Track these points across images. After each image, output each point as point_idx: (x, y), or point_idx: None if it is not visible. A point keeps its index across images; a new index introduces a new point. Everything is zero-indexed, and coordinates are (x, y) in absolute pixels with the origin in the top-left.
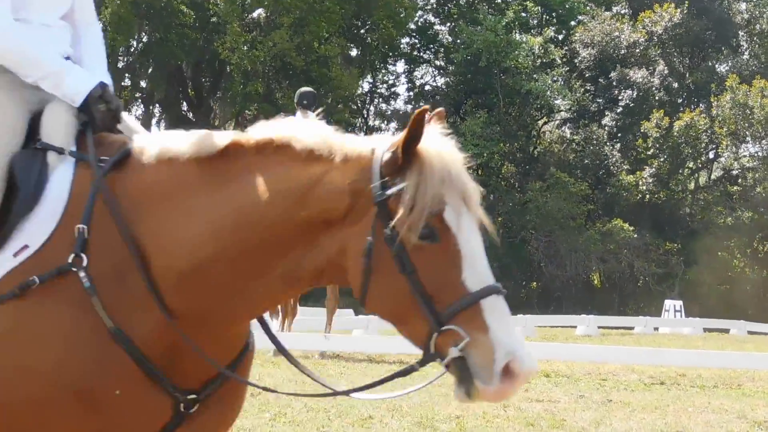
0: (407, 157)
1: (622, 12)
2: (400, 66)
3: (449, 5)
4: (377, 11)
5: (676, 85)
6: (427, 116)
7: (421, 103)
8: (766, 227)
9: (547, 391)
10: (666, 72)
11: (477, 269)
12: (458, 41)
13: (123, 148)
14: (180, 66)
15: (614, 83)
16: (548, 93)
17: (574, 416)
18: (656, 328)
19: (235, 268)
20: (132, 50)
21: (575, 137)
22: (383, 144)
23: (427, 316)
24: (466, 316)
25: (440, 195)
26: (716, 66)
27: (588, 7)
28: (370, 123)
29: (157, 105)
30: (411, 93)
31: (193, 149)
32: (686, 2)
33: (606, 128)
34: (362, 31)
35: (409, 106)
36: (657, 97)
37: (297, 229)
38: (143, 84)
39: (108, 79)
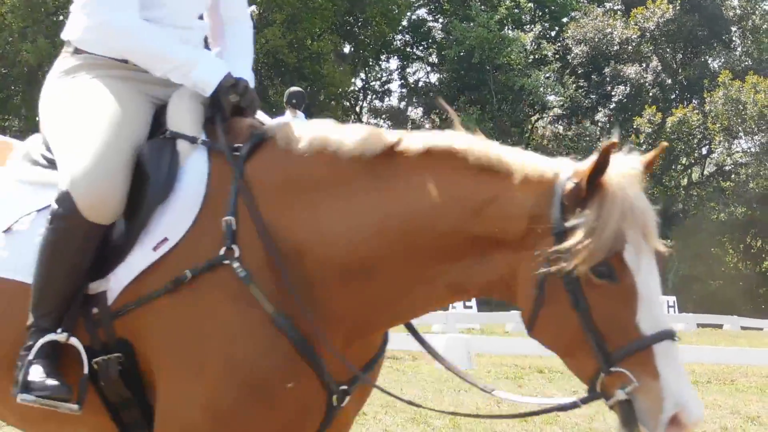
0: (591, 188)
1: (615, 8)
2: (393, 63)
3: (442, 1)
4: (370, 8)
5: (669, 81)
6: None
7: (414, 100)
8: (759, 223)
9: (541, 387)
10: (659, 68)
11: (653, 312)
12: (451, 37)
13: (255, 135)
14: None
15: (607, 79)
16: (541, 89)
17: (568, 412)
18: None
19: (402, 269)
20: None
21: (568, 133)
22: (566, 169)
23: (596, 355)
24: (637, 359)
25: (621, 232)
26: (709, 62)
27: (580, 3)
28: (364, 120)
29: None
30: (404, 90)
31: (358, 144)
32: None
33: (599, 124)
34: (355, 27)
35: (402, 103)
36: (650, 93)
37: (468, 241)
38: None
39: (248, 75)
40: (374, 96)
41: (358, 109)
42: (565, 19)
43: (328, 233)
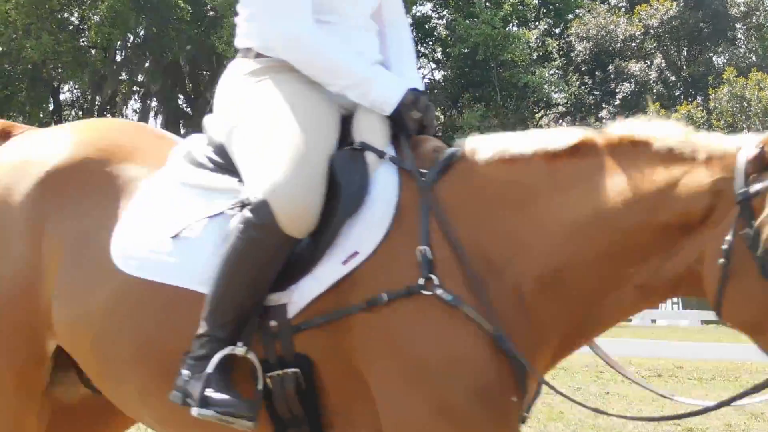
0: None
1: (620, 5)
2: None
3: None
4: None
5: (673, 77)
6: None
7: None
8: None
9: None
10: (663, 65)
11: None
12: (455, 35)
13: (444, 154)
14: (177, 60)
15: (611, 76)
16: (545, 86)
17: (572, 409)
18: (654, 321)
19: (591, 276)
20: (129, 44)
21: None
22: (750, 140)
23: None
24: None
25: None
26: (713, 59)
27: (584, 0)
28: None
29: (154, 99)
30: None
31: (539, 147)
32: None
33: (603, 121)
34: None
35: None
36: (654, 90)
37: (655, 234)
38: (140, 78)
39: (419, 83)
40: None
41: None
42: (569, 16)
43: (523, 245)
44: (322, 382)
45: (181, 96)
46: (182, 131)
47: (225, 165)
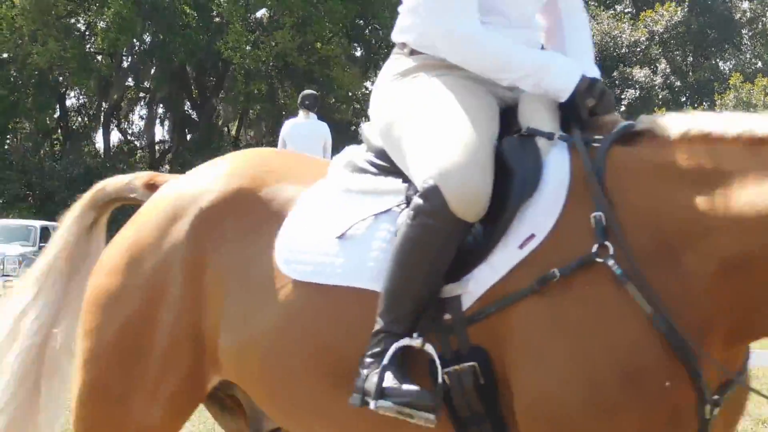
0: None
1: (626, 11)
2: None
3: None
4: (381, 11)
5: (678, 83)
6: None
7: None
8: None
9: None
10: (668, 70)
11: None
12: None
13: (618, 127)
14: (183, 66)
15: (617, 82)
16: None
17: None
18: None
19: None
20: (135, 50)
21: None
22: None
23: None
24: None
25: None
26: (719, 64)
27: (589, 7)
28: None
29: (161, 105)
30: None
31: (744, 129)
32: (687, 0)
33: None
34: (365, 31)
35: None
36: (660, 96)
37: None
38: (146, 84)
39: (596, 72)
40: None
41: (368, 112)
42: None
43: (709, 227)
44: (498, 375)
45: (187, 102)
46: (188, 137)
47: (388, 168)
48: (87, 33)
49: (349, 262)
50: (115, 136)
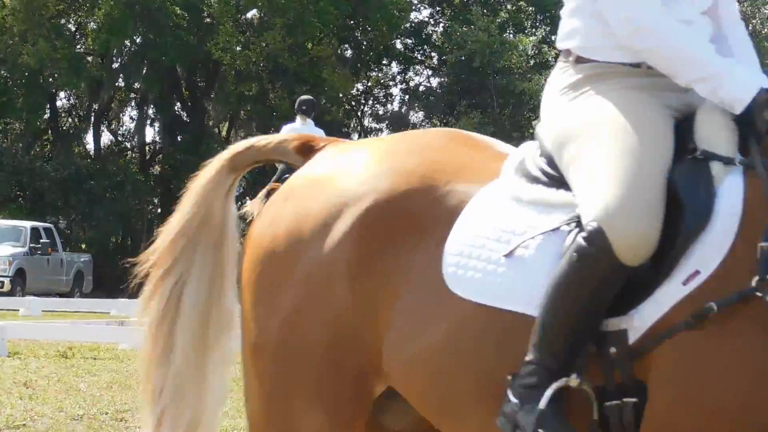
0: None
1: None
2: (394, 67)
3: (443, 5)
4: (372, 12)
5: None
6: None
7: (415, 105)
8: None
9: None
10: None
11: None
12: (451, 42)
13: None
14: (174, 67)
15: None
16: (542, 93)
17: None
18: None
19: None
20: (125, 51)
21: None
22: None
23: None
24: None
25: None
26: None
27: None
28: (365, 124)
29: (151, 106)
30: (405, 94)
31: None
32: None
33: None
34: (356, 32)
35: (404, 108)
36: None
37: None
38: (137, 85)
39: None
40: (375, 100)
41: (359, 113)
42: None
43: None
44: (654, 410)
45: (177, 103)
46: (179, 138)
47: (559, 178)
48: (77, 33)
49: (516, 284)
50: (106, 137)
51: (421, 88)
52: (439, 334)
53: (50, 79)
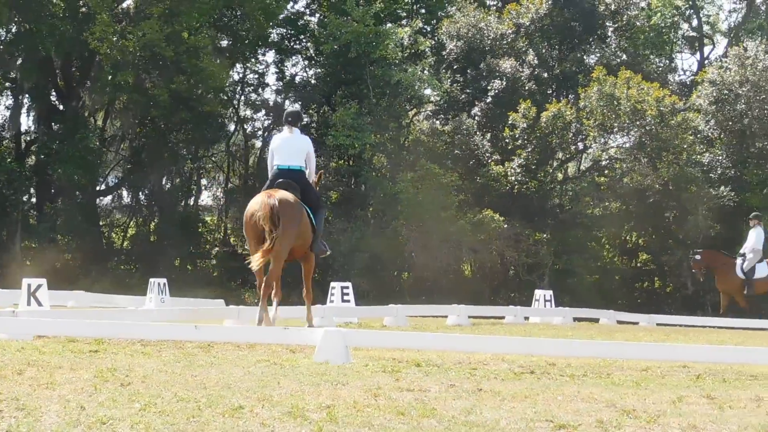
0: None
1: (490, 4)
2: (270, 56)
3: None
4: (249, 1)
5: (545, 75)
6: None
7: (290, 95)
8: (633, 218)
9: (418, 381)
10: (535, 62)
11: None
12: (327, 32)
13: None
14: (49, 56)
15: (483, 74)
16: (417, 84)
17: (445, 405)
18: (527, 318)
19: None
20: (1, 40)
21: (445, 128)
22: None
23: None
24: None
25: None
26: (584, 57)
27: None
28: (241, 113)
29: (27, 95)
30: (281, 83)
31: None
32: None
33: (476, 118)
34: (233, 21)
35: (280, 97)
36: (526, 88)
37: None
38: (12, 74)
39: None
40: (251, 90)
41: (235, 102)
42: (441, 14)
43: None
44: None
45: (53, 92)
46: (54, 127)
47: None
48: None
49: None
50: None
51: (298, 78)
52: None
53: None
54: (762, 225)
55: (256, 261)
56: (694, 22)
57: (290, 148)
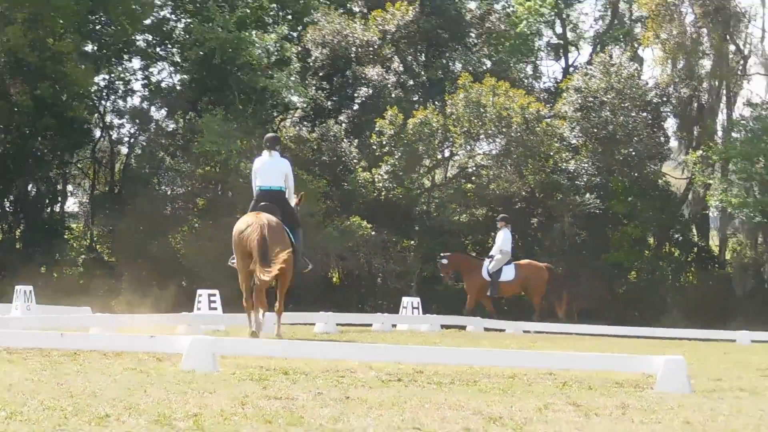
0: None
1: (356, 10)
2: (136, 62)
3: (184, 2)
4: (113, 7)
5: (411, 82)
6: None
7: (157, 101)
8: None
9: (285, 389)
10: (401, 69)
11: None
12: (192, 38)
13: None
14: None
15: (350, 81)
16: (284, 90)
17: (313, 413)
18: (394, 325)
19: None
20: None
21: (312, 134)
22: None
23: None
24: None
25: None
26: (450, 64)
27: (321, 5)
28: (107, 120)
29: None
30: (147, 90)
31: None
32: (418, 0)
33: (343, 125)
34: (97, 26)
35: (145, 104)
36: (393, 95)
37: None
38: None
39: None
40: (117, 96)
41: (101, 108)
42: (307, 20)
43: None
44: None
45: None
46: None
47: None
48: None
49: None
50: None
51: (164, 84)
52: None
53: None
54: (509, 227)
55: (269, 274)
56: (558, 29)
57: (271, 170)
